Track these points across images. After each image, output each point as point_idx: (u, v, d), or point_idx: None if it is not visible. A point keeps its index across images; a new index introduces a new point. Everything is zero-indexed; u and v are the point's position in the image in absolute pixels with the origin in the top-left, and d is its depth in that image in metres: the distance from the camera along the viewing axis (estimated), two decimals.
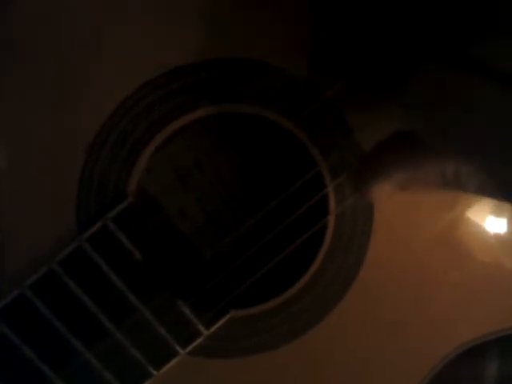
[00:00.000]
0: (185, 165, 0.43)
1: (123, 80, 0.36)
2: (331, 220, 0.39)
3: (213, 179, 0.43)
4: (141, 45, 0.36)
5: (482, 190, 0.32)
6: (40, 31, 0.35)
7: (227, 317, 0.40)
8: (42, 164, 0.37)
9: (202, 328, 0.39)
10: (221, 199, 0.43)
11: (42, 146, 0.36)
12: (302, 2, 0.35)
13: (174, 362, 0.39)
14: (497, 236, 0.41)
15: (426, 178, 0.33)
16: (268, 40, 0.36)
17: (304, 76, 0.37)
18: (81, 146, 0.37)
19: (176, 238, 0.43)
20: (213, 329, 0.40)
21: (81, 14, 0.35)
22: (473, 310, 0.42)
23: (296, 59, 0.36)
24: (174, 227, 0.43)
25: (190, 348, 0.39)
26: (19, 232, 0.37)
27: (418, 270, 0.41)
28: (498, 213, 0.41)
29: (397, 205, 0.39)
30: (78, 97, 0.36)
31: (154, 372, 0.39)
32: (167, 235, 0.43)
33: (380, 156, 0.35)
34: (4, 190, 0.36)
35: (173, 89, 0.36)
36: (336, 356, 0.42)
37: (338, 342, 0.41)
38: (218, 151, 0.43)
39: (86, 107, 0.36)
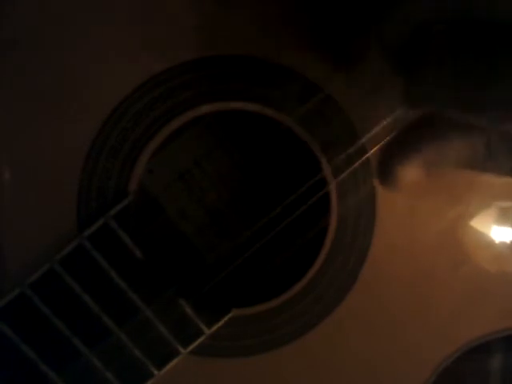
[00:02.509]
0: (186, 165, 0.43)
1: (124, 78, 0.36)
2: (333, 219, 0.39)
3: (214, 179, 0.43)
4: (141, 43, 0.36)
5: None
6: (40, 32, 0.35)
7: (229, 316, 0.39)
8: (42, 162, 0.36)
9: (203, 327, 0.39)
10: (222, 198, 0.43)
11: (42, 145, 0.36)
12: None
13: (175, 361, 0.39)
14: (500, 236, 0.41)
15: (458, 154, 0.31)
16: (268, 37, 0.36)
17: (305, 73, 0.37)
18: (81, 145, 0.36)
19: (177, 237, 0.43)
20: (214, 328, 0.39)
21: (81, 13, 0.35)
22: (475, 310, 0.42)
23: (296, 56, 0.37)
24: (176, 227, 0.43)
25: (191, 347, 0.39)
26: (20, 230, 0.37)
27: (420, 270, 0.41)
28: (501, 216, 0.41)
29: (400, 205, 0.39)
30: (78, 96, 0.36)
31: (156, 372, 0.39)
32: (169, 234, 0.43)
33: (406, 136, 0.32)
34: (4, 189, 0.36)
35: (173, 86, 0.36)
36: (338, 356, 0.42)
37: (339, 342, 0.41)
38: (218, 150, 0.43)
39: (86, 106, 0.36)
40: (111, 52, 0.36)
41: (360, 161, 0.38)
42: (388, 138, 0.37)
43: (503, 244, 0.41)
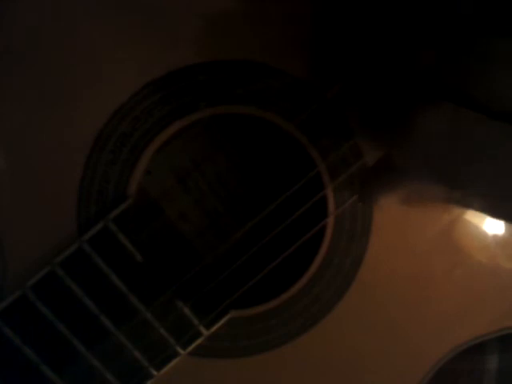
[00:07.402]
0: (184, 167, 0.43)
1: (123, 82, 0.36)
2: (330, 222, 0.39)
3: (212, 181, 0.43)
4: (141, 46, 0.36)
5: (486, 211, 0.32)
6: (40, 33, 0.35)
7: (227, 317, 0.40)
8: (42, 165, 0.37)
9: (202, 329, 0.39)
10: (220, 201, 0.44)
11: (42, 147, 0.36)
12: (301, 3, 0.36)
13: (174, 362, 0.40)
14: (494, 236, 0.41)
15: (433, 195, 0.33)
16: (268, 41, 0.36)
17: (304, 77, 0.37)
18: (81, 148, 0.37)
19: (176, 239, 0.43)
20: (213, 329, 0.40)
21: (81, 14, 0.35)
22: (471, 311, 0.42)
23: (296, 60, 0.37)
24: (175, 229, 0.43)
25: (190, 348, 0.40)
26: (20, 233, 0.37)
27: (417, 271, 0.41)
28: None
29: (396, 207, 0.39)
30: (78, 98, 0.36)
31: (155, 373, 0.39)
32: (168, 237, 0.43)
33: (389, 169, 0.35)
34: (5, 191, 0.36)
35: (172, 90, 0.36)
36: (334, 356, 0.42)
37: (337, 342, 0.42)
38: (217, 153, 0.43)
39: (86, 109, 0.36)
40: (111, 55, 0.36)
41: (357, 164, 0.39)
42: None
43: (499, 244, 0.41)
